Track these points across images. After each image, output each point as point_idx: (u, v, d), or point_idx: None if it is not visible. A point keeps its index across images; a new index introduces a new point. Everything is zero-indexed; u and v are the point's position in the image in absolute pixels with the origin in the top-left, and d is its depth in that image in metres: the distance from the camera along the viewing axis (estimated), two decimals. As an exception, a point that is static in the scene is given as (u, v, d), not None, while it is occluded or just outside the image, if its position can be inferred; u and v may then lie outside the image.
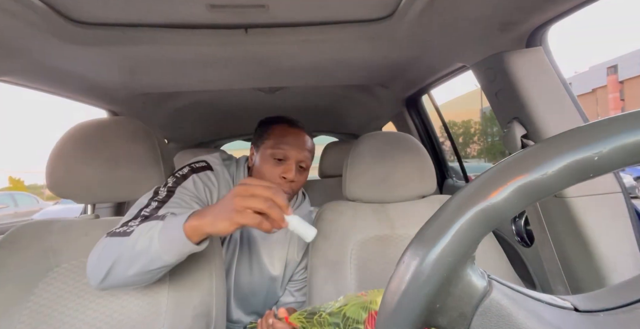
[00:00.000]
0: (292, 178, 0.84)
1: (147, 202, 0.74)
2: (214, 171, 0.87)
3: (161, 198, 0.75)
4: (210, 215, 0.57)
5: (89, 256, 0.66)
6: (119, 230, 0.65)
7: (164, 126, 1.76)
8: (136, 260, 0.60)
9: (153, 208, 0.72)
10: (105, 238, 0.66)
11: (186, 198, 0.77)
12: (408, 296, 0.23)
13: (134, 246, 0.60)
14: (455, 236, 0.22)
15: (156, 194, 0.77)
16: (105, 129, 0.84)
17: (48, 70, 0.92)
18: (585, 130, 0.22)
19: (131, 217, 0.71)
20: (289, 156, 0.86)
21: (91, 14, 0.69)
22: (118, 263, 0.61)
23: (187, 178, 0.82)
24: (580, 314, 0.25)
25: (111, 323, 0.72)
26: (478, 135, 26.10)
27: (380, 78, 1.31)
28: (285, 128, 0.91)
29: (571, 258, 0.80)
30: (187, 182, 0.81)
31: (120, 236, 0.63)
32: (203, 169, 0.86)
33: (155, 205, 0.73)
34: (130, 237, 0.61)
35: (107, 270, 0.62)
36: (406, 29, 0.78)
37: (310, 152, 0.91)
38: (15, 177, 30.23)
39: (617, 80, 22.48)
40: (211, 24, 0.75)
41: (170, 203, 0.75)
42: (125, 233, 0.63)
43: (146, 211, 0.71)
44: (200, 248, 0.60)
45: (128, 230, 0.64)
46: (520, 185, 0.22)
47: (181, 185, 0.80)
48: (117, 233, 0.65)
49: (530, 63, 0.83)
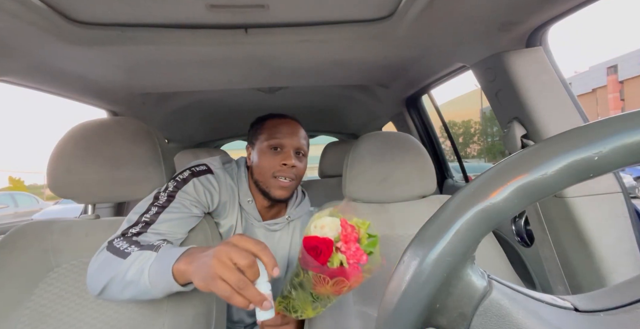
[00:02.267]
0: (292, 164, 0.86)
1: (147, 207, 0.75)
2: (215, 175, 0.87)
3: (161, 203, 0.76)
4: (195, 265, 0.55)
5: (90, 265, 0.68)
6: (118, 245, 0.67)
7: (163, 126, 1.76)
8: (128, 287, 0.62)
9: (153, 214, 0.74)
10: (105, 250, 0.67)
11: (186, 202, 0.78)
12: (408, 296, 0.23)
13: (125, 273, 0.61)
14: (455, 236, 0.22)
15: (156, 199, 0.77)
16: (106, 129, 0.84)
17: (48, 70, 0.92)
18: (585, 130, 0.22)
19: (131, 223, 0.72)
20: (285, 144, 0.88)
21: (91, 14, 0.69)
22: (112, 283, 0.63)
23: (188, 182, 0.82)
24: (580, 314, 0.25)
25: (111, 323, 0.72)
26: (478, 135, 26.11)
27: (380, 78, 1.31)
28: (277, 120, 0.93)
29: (571, 258, 0.80)
30: (187, 186, 0.81)
31: (118, 256, 0.64)
32: (204, 173, 0.86)
33: (155, 210, 0.74)
34: (125, 262, 0.62)
35: (102, 287, 0.64)
36: (406, 29, 0.78)
37: (304, 139, 0.92)
38: (15, 177, 30.24)
39: (617, 80, 22.48)
40: (211, 24, 0.75)
41: (170, 208, 0.76)
42: (123, 254, 0.64)
43: (147, 217, 0.73)
44: (187, 289, 0.60)
45: (127, 249, 0.65)
46: (520, 185, 0.22)
47: (182, 189, 0.80)
48: (116, 250, 0.66)
49: (530, 63, 0.83)
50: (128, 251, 0.64)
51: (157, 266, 0.59)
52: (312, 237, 0.58)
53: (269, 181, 0.87)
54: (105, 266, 0.64)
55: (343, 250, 0.57)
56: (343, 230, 0.58)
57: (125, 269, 0.61)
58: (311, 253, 0.57)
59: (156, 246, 0.63)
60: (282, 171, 0.86)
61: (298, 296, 0.65)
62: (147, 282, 0.59)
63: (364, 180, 0.93)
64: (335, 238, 0.58)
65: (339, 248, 0.58)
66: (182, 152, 1.89)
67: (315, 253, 0.56)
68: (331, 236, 0.58)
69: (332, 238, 0.58)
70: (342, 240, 0.58)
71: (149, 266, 0.60)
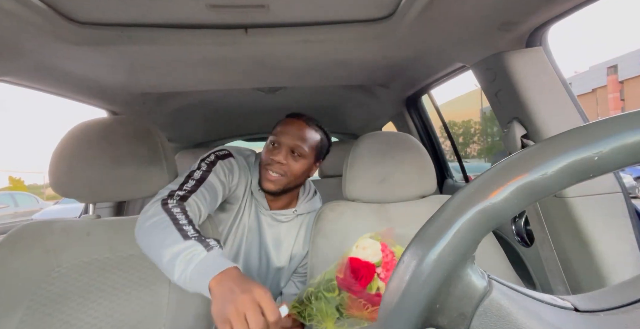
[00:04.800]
0: (278, 160, 0.91)
1: (184, 180, 0.83)
2: (235, 159, 0.97)
3: (198, 178, 0.84)
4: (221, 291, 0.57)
5: (142, 214, 0.72)
6: (173, 209, 0.71)
7: (164, 126, 1.76)
8: (165, 268, 0.64)
9: (192, 185, 0.81)
10: (160, 208, 0.71)
11: (216, 182, 0.87)
12: (408, 296, 0.23)
13: (176, 252, 0.63)
14: (455, 236, 0.22)
15: (192, 173, 0.85)
16: (108, 128, 0.84)
17: (48, 70, 0.92)
18: (585, 130, 0.22)
19: (176, 188, 0.79)
20: (281, 141, 0.94)
21: (91, 14, 0.69)
22: (151, 250, 0.66)
23: (215, 164, 0.91)
24: (580, 314, 0.25)
25: (112, 323, 0.72)
26: (478, 135, 26.10)
27: (380, 78, 1.31)
28: (287, 120, 0.99)
29: (571, 258, 0.80)
30: (216, 167, 0.90)
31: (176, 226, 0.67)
32: (226, 156, 0.95)
33: (193, 183, 0.82)
34: (182, 244, 0.64)
35: (143, 246, 0.68)
36: (406, 29, 0.78)
37: (305, 141, 0.95)
38: (15, 177, 30.24)
39: (617, 80, 22.46)
40: (211, 23, 0.75)
41: (203, 186, 0.82)
42: (183, 231, 0.66)
43: (187, 187, 0.80)
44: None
45: (184, 223, 0.68)
46: (520, 185, 0.22)
47: (211, 170, 0.88)
48: (173, 217, 0.69)
49: (530, 63, 0.83)
50: (186, 230, 0.67)
51: (200, 268, 0.61)
52: (356, 259, 0.57)
53: (262, 172, 0.95)
54: (160, 230, 0.67)
55: (382, 276, 0.56)
56: (384, 255, 0.57)
57: (178, 251, 0.63)
58: (353, 276, 0.56)
59: (210, 246, 0.65)
60: (270, 165, 0.93)
61: (320, 307, 0.63)
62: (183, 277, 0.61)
63: (364, 180, 0.93)
64: (376, 263, 0.57)
65: (378, 274, 0.56)
66: (182, 152, 1.89)
67: (357, 276, 0.55)
68: (372, 260, 0.57)
69: (373, 262, 0.57)
70: (383, 267, 0.57)
71: (195, 263, 0.61)
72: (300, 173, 0.96)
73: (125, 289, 0.75)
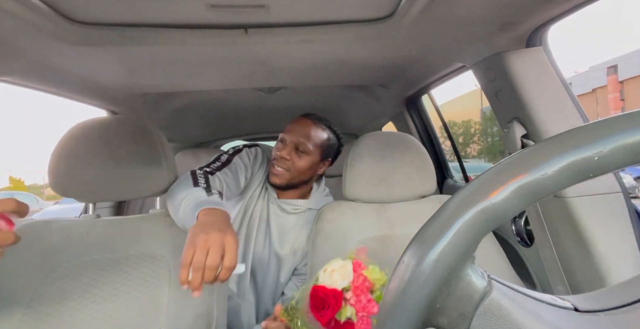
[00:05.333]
0: (283, 155, 0.98)
1: (211, 162, 0.93)
2: (262, 149, 1.09)
3: (224, 160, 0.94)
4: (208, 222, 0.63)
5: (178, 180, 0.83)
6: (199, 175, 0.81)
7: (163, 126, 1.76)
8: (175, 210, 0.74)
9: (218, 166, 0.92)
10: (188, 173, 0.83)
11: (240, 166, 0.97)
12: (408, 296, 0.23)
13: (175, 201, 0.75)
14: (455, 236, 0.22)
15: (220, 156, 0.96)
16: (108, 128, 0.84)
17: (48, 70, 0.92)
18: (585, 130, 0.22)
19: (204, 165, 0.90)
20: (286, 138, 1.01)
21: (91, 14, 0.69)
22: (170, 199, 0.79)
23: (242, 151, 1.02)
24: (580, 314, 0.25)
25: (112, 323, 0.72)
26: (478, 135, 26.10)
27: (380, 78, 1.31)
28: (296, 118, 1.06)
29: (571, 258, 0.80)
30: (242, 153, 1.01)
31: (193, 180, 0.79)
32: (253, 146, 1.08)
33: (219, 164, 0.92)
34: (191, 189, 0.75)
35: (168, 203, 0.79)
36: (406, 29, 0.78)
37: (310, 138, 1.01)
38: (15, 177, 30.24)
39: (617, 80, 22.45)
40: (211, 23, 0.75)
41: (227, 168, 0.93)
42: (195, 180, 0.79)
43: (213, 166, 0.91)
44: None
45: (200, 179, 0.80)
46: (520, 185, 0.22)
47: (237, 154, 0.99)
48: (195, 177, 0.81)
49: (530, 63, 0.83)
50: (198, 181, 0.79)
51: (197, 204, 0.69)
52: (321, 287, 0.54)
53: (270, 166, 1.03)
54: (180, 183, 0.79)
55: (353, 302, 0.53)
56: (355, 279, 0.54)
57: (186, 194, 0.73)
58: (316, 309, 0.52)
59: (212, 193, 0.75)
60: (276, 159, 1.00)
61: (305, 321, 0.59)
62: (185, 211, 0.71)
63: (364, 180, 0.93)
64: (344, 289, 0.54)
65: (347, 299, 0.53)
66: (182, 152, 1.88)
67: (323, 307, 0.52)
68: (340, 285, 0.54)
69: (341, 288, 0.53)
70: (353, 292, 0.53)
71: (196, 202, 0.70)
72: (304, 169, 1.01)
73: (125, 289, 0.75)
